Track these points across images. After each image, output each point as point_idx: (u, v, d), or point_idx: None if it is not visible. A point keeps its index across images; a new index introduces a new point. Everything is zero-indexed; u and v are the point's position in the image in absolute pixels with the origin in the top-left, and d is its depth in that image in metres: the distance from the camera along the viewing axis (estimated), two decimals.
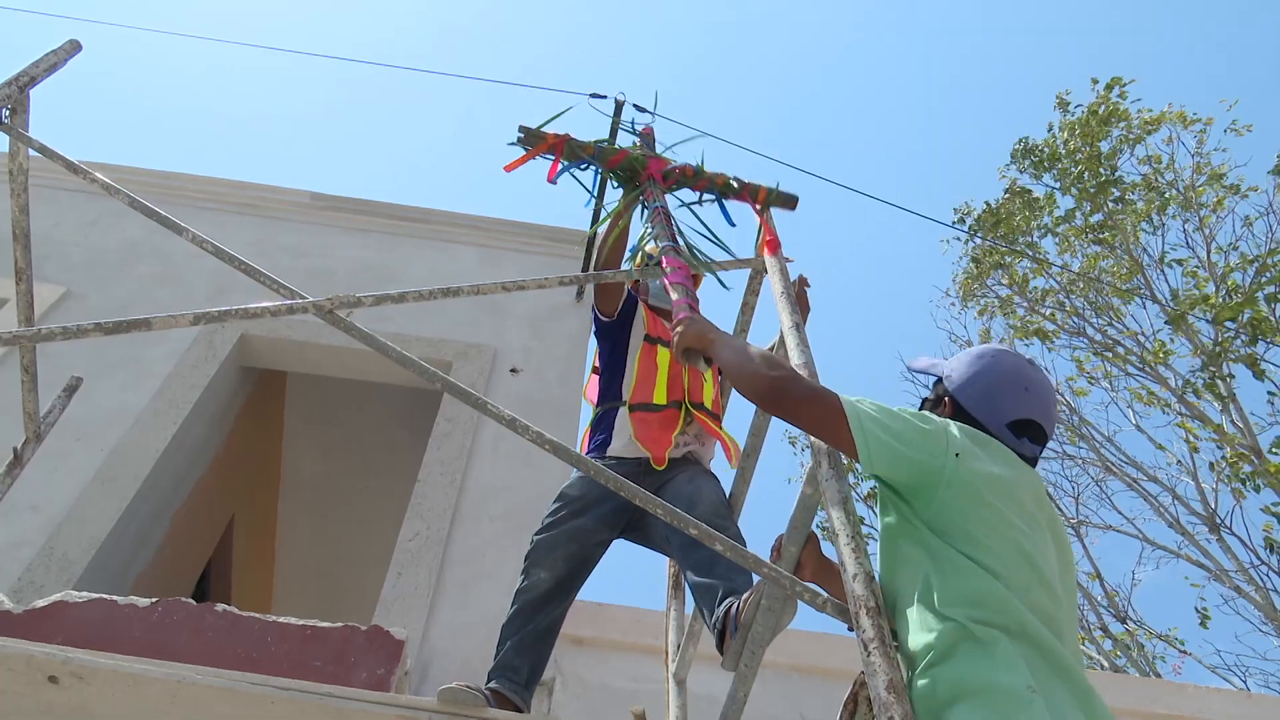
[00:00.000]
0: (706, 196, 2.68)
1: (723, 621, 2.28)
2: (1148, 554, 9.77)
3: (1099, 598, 9.81)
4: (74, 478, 3.94)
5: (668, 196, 2.65)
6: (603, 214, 2.74)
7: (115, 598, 3.04)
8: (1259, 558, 8.36)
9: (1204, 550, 9.18)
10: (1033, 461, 1.81)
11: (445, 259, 5.55)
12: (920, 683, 1.42)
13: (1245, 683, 8.73)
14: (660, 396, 2.95)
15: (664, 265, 2.27)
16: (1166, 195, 10.18)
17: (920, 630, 1.48)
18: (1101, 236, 10.45)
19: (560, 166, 2.60)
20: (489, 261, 5.54)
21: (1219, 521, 9.02)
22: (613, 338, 3.11)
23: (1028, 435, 1.80)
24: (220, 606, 3.04)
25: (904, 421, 1.65)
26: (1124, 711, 3.35)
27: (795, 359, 2.03)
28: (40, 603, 3.05)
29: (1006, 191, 11.25)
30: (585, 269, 5.35)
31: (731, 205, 2.72)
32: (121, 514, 3.87)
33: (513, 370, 4.82)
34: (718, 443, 3.00)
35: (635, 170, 2.63)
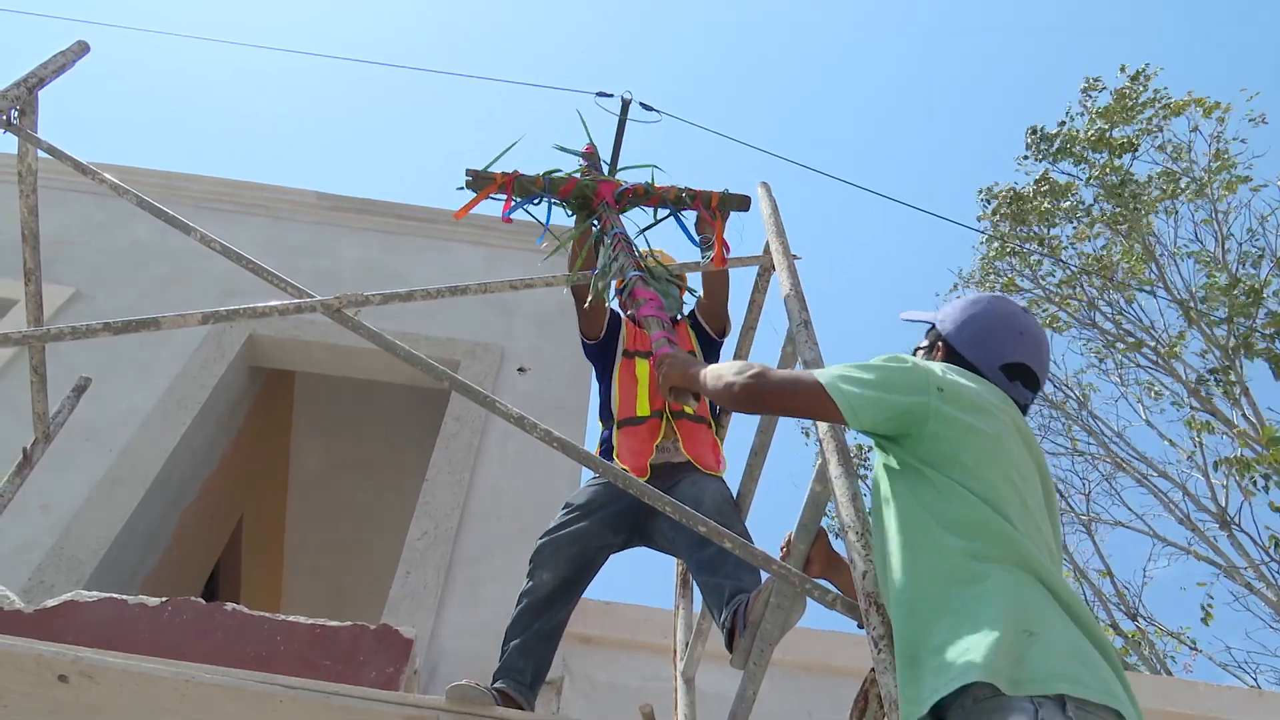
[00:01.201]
0: (661, 212, 2.69)
1: (731, 620, 2.28)
2: (1158, 550, 9.74)
3: (1109, 595, 9.78)
4: (83, 478, 3.95)
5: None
6: (559, 244, 2.74)
7: (125, 597, 3.05)
8: (1270, 554, 8.32)
9: (1214, 546, 9.14)
10: (1024, 408, 1.80)
11: (452, 259, 5.55)
12: (905, 625, 1.41)
13: (1256, 680, 8.69)
14: (643, 408, 2.94)
15: (636, 296, 2.25)
16: (1183, 184, 10.11)
17: (914, 565, 1.46)
18: (1117, 225, 10.39)
19: (513, 204, 2.62)
20: (495, 261, 5.55)
21: (1229, 518, 8.98)
22: (599, 360, 3.13)
23: (1020, 379, 1.80)
24: (229, 606, 3.05)
25: (880, 370, 1.67)
26: None
27: (805, 355, 2.02)
28: (50, 602, 3.06)
29: (1037, 182, 11.16)
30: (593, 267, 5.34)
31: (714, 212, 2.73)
32: (131, 514, 3.88)
33: (520, 369, 4.83)
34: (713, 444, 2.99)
35: (587, 197, 2.64)
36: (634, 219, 2.75)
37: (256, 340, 4.82)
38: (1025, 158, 11.43)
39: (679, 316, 3.19)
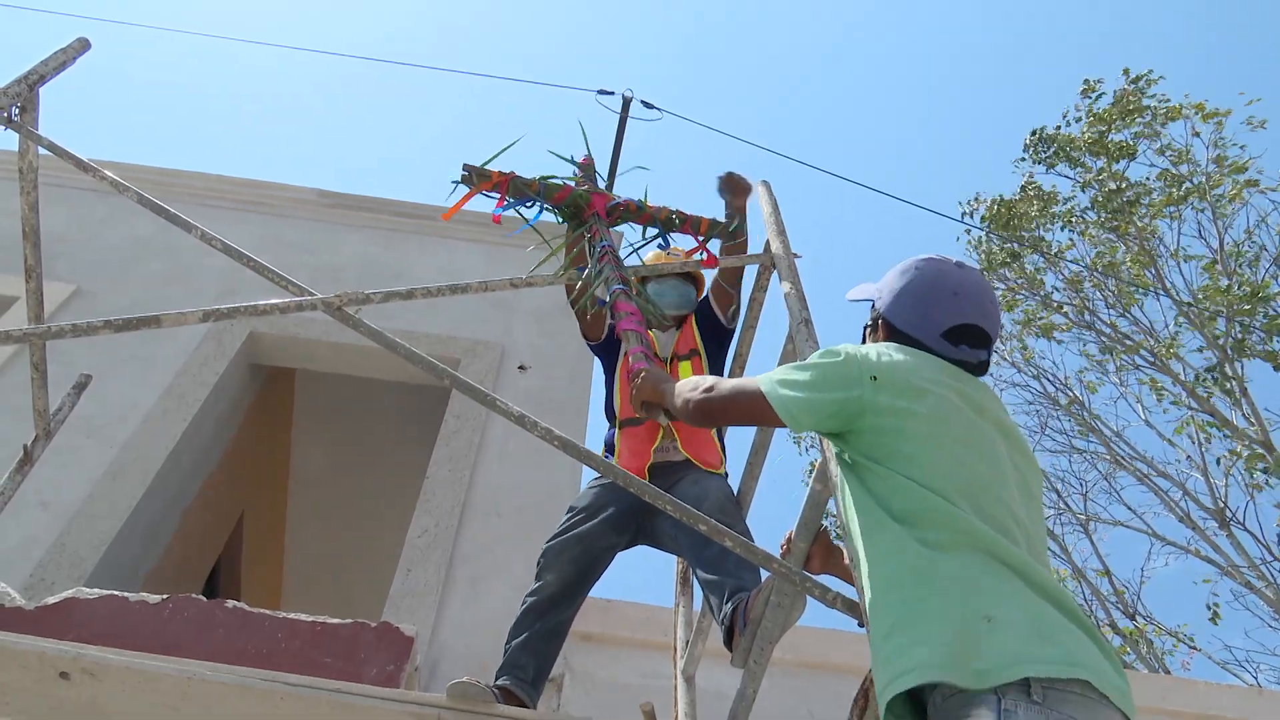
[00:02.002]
0: (650, 231, 2.71)
1: (731, 618, 2.28)
2: (1157, 550, 9.74)
3: (1108, 594, 9.78)
4: (84, 475, 3.95)
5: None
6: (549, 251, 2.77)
7: (126, 594, 3.05)
8: (1271, 553, 8.33)
9: (1214, 545, 9.14)
10: (979, 367, 1.77)
11: (452, 256, 5.55)
12: (873, 617, 1.42)
13: (1256, 678, 8.70)
14: None
15: (618, 310, 2.26)
16: (1185, 187, 10.10)
17: (872, 561, 1.47)
18: (1115, 225, 10.38)
19: (505, 204, 2.64)
20: (496, 258, 5.54)
21: (1229, 517, 8.98)
22: (603, 358, 3.14)
23: (966, 341, 1.75)
24: (230, 603, 3.05)
25: (814, 368, 1.67)
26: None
27: (805, 353, 2.02)
28: (51, 599, 3.07)
29: (1022, 188, 11.17)
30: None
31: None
32: (131, 511, 3.89)
33: (520, 367, 4.83)
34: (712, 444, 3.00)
35: (580, 206, 2.65)
36: (626, 233, 2.78)
37: (257, 338, 4.83)
38: (1022, 159, 11.43)
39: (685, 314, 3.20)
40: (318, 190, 5.71)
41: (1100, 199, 10.48)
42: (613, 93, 5.57)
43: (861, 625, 1.54)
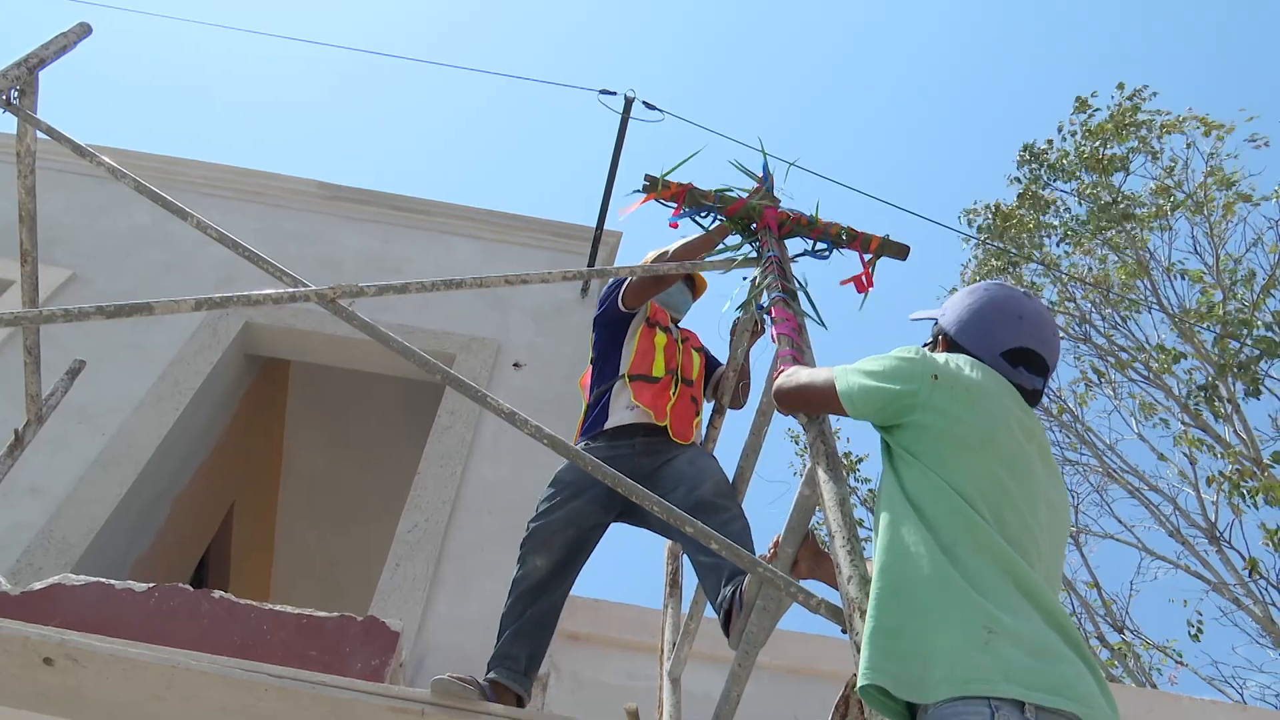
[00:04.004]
0: (820, 245, 2.77)
1: (730, 601, 2.29)
2: (1147, 564, 9.75)
3: (1096, 606, 9.79)
4: (75, 461, 3.95)
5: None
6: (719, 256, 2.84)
7: (113, 582, 3.05)
8: (1258, 571, 8.34)
9: (1204, 561, 9.16)
10: (1035, 395, 1.80)
11: (450, 251, 5.55)
12: (878, 609, 1.43)
13: (1241, 695, 8.71)
14: (659, 369, 3.00)
15: (773, 315, 2.33)
16: (1178, 199, 10.11)
17: (890, 555, 1.49)
18: (1109, 239, 10.39)
19: (682, 212, 2.75)
20: (494, 255, 5.54)
21: (1219, 534, 9.00)
22: (617, 324, 3.12)
23: (1024, 365, 1.79)
24: (217, 593, 3.05)
25: (886, 360, 1.72)
26: None
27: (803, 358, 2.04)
28: (38, 585, 3.06)
29: (1019, 197, 11.18)
30: (592, 264, 5.34)
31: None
32: (122, 498, 3.88)
33: (516, 365, 4.82)
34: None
35: (752, 219, 2.73)
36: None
37: (253, 328, 4.82)
38: (1016, 179, 11.43)
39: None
40: (317, 182, 5.70)
41: (1095, 211, 10.50)
42: (615, 93, 5.59)
43: (844, 631, 1.54)
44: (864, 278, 2.68)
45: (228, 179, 5.68)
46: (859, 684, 1.37)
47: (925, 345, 1.99)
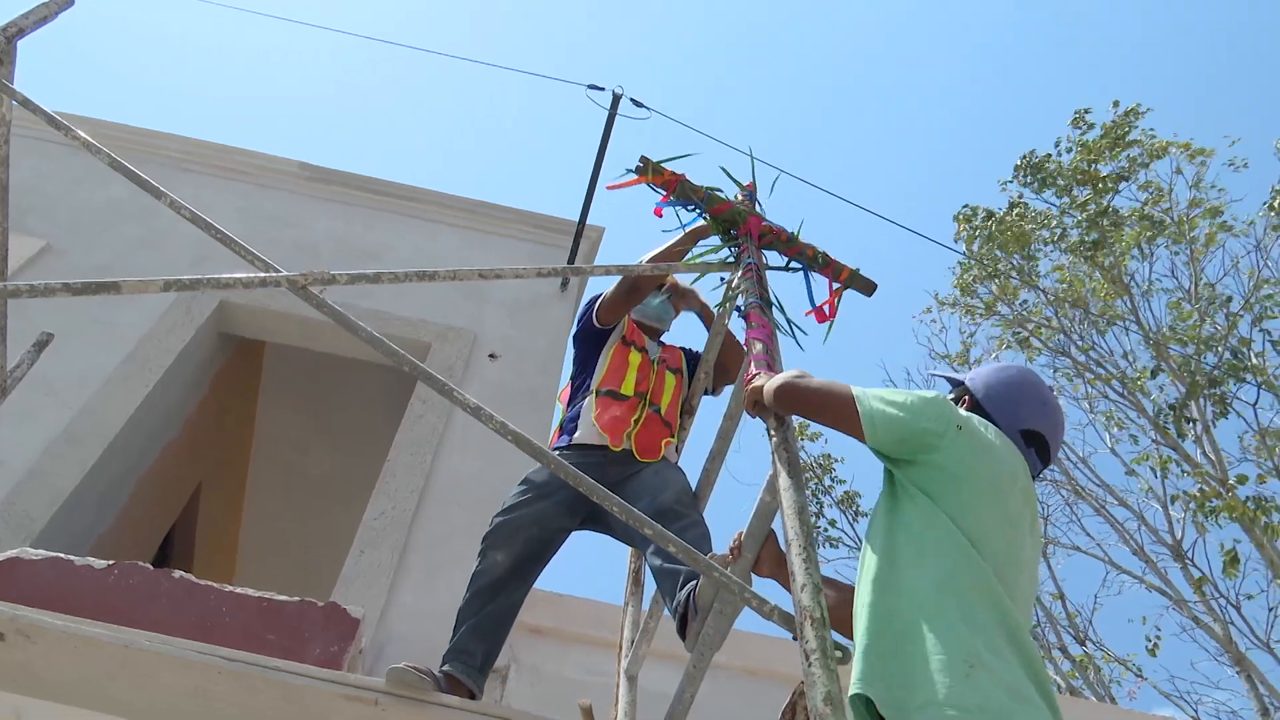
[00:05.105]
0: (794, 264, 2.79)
1: (684, 605, 2.30)
2: (1113, 577, 9.86)
3: (1060, 618, 9.89)
4: (39, 434, 3.90)
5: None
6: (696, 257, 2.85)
7: (72, 558, 3.02)
8: (1218, 590, 8.46)
9: (1165, 578, 9.27)
10: (1034, 478, 1.90)
11: (431, 239, 5.52)
12: (870, 631, 1.52)
13: (1196, 711, 8.84)
14: (628, 388, 3.01)
15: (750, 320, 2.35)
16: (1161, 224, 10.22)
17: (883, 584, 1.58)
18: (1090, 254, 10.49)
19: (669, 200, 2.76)
20: (475, 245, 5.52)
21: (1184, 551, 9.11)
22: (593, 340, 3.15)
23: (1035, 447, 1.90)
24: (176, 573, 3.03)
25: (911, 396, 1.80)
26: None
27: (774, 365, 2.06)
28: None
29: (1012, 205, 11.25)
30: (572, 261, 5.34)
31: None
32: (86, 474, 3.85)
33: (491, 356, 4.81)
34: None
35: (735, 223, 2.74)
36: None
37: (227, 307, 4.78)
38: (1010, 181, 11.52)
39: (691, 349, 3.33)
40: (299, 162, 5.65)
41: (1083, 224, 10.59)
42: (603, 88, 5.59)
43: (795, 639, 1.56)
44: (826, 307, 2.70)
45: (209, 155, 5.63)
46: (850, 691, 1.45)
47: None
